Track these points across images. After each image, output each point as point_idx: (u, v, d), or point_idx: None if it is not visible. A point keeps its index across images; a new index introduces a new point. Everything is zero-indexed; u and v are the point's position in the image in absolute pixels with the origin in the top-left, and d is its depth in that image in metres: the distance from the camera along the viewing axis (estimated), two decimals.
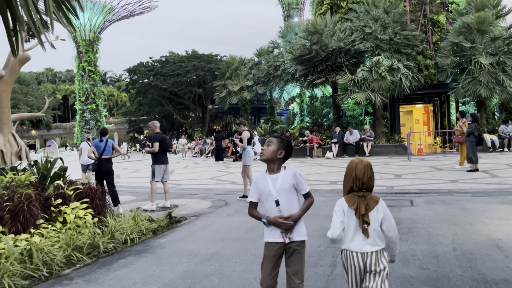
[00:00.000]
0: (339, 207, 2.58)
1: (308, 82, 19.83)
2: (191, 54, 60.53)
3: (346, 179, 2.61)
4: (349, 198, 2.55)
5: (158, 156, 8.60)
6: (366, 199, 2.52)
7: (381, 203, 2.54)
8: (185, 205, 8.64)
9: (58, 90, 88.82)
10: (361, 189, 2.54)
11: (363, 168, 2.56)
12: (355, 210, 2.50)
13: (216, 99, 26.87)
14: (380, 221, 2.51)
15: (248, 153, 9.11)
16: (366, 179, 2.54)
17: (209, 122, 59.76)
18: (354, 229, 2.50)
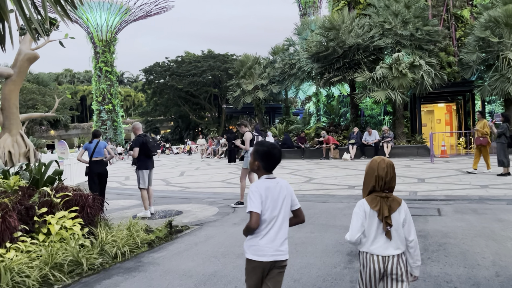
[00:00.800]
0: (360, 208, 2.47)
1: (325, 80, 19.05)
2: (206, 54, 60.22)
3: (368, 179, 2.51)
4: (371, 199, 2.45)
5: (141, 161, 8.05)
6: (389, 200, 2.43)
7: (403, 205, 2.47)
8: (190, 212, 8.01)
9: (76, 91, 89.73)
10: (384, 189, 2.45)
11: (386, 167, 2.45)
12: (378, 212, 2.41)
13: (230, 99, 26.26)
14: (401, 223, 2.43)
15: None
16: (389, 179, 2.44)
17: (225, 122, 59.31)
18: (376, 231, 2.42)
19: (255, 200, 2.54)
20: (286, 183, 2.69)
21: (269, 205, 2.56)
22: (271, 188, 2.60)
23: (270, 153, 2.66)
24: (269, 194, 2.58)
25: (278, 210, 2.58)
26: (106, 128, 61.75)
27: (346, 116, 23.34)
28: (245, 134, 8.60)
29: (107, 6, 61.60)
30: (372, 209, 2.41)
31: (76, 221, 5.33)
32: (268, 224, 2.55)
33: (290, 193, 2.66)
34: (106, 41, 62.47)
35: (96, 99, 62.41)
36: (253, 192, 2.56)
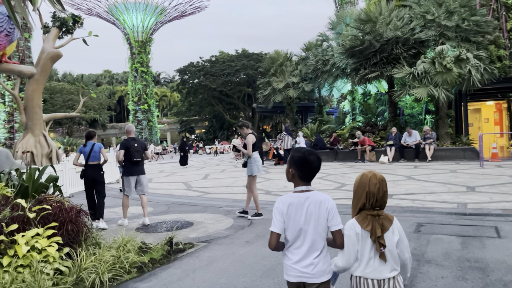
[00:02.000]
0: (351, 230, 2.24)
1: (360, 76, 17.69)
2: (240, 53, 59.68)
3: (357, 195, 2.29)
4: (362, 218, 2.24)
5: (125, 166, 7.51)
6: (381, 219, 2.23)
7: (395, 223, 2.29)
8: (201, 224, 7.08)
9: (114, 91, 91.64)
10: (374, 206, 2.25)
11: (377, 182, 2.25)
12: (370, 232, 2.20)
13: (260, 97, 25.24)
14: (395, 243, 2.24)
15: (255, 161, 7.51)
16: (381, 195, 2.25)
17: (258, 122, 58.48)
18: (369, 253, 2.21)
19: (275, 218, 2.37)
20: (322, 198, 2.35)
21: (293, 224, 2.33)
22: (296, 204, 2.34)
23: (306, 160, 2.36)
24: (293, 212, 2.33)
25: (305, 229, 2.32)
26: (141, 128, 62.45)
27: (383, 116, 21.82)
28: (248, 137, 7.57)
29: (143, 7, 62.29)
30: (364, 229, 2.22)
31: (53, 240, 4.49)
32: (293, 244, 2.35)
33: (328, 210, 2.32)
34: (141, 42, 63.14)
35: (132, 99, 63.18)
36: (275, 209, 2.38)
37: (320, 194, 2.37)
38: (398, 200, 8.10)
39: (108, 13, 62.82)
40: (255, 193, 7.51)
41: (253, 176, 7.52)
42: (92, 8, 62.22)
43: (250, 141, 7.51)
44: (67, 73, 76.38)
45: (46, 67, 16.13)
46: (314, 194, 2.35)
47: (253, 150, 7.54)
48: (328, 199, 2.35)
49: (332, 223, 2.31)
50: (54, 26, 16.28)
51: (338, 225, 2.32)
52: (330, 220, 2.31)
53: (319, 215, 2.30)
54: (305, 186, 2.38)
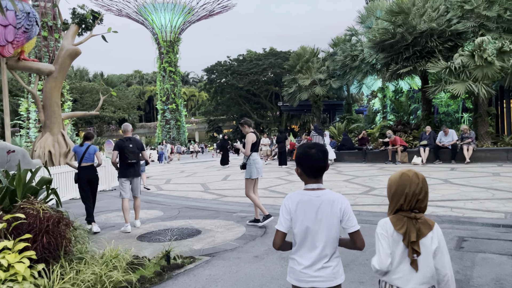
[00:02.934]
0: (383, 229, 2.02)
1: (391, 72, 16.57)
2: (268, 52, 58.96)
3: (395, 195, 2.04)
4: (397, 219, 2.01)
5: (120, 167, 7.06)
6: (418, 223, 1.98)
7: (436, 229, 2.01)
8: (210, 232, 6.36)
9: (144, 91, 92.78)
10: (413, 209, 2.01)
11: (420, 182, 2.00)
12: (403, 235, 1.97)
13: (285, 96, 24.34)
14: (433, 252, 1.97)
15: (255, 163, 6.79)
16: (422, 197, 2.00)
17: (286, 121, 57.60)
18: (400, 258, 1.99)
19: (281, 216, 2.21)
20: (336, 197, 2.17)
21: (302, 224, 2.15)
22: (306, 202, 2.16)
23: (306, 155, 2.20)
24: (302, 211, 2.16)
25: (315, 230, 2.14)
26: (169, 127, 62.70)
27: (416, 114, 20.58)
28: (247, 136, 6.86)
29: (171, 7, 62.51)
30: (397, 231, 1.98)
31: (25, 255, 3.85)
32: (303, 246, 2.17)
33: (343, 210, 2.15)
34: (170, 42, 63.34)
35: (161, 99, 63.49)
36: (282, 206, 2.22)
37: (333, 193, 2.20)
38: (434, 208, 7.13)
39: (137, 13, 63.42)
40: (253, 197, 6.73)
41: (252, 179, 6.79)
42: (121, 8, 62.95)
43: (249, 140, 6.80)
44: (97, 74, 77.68)
45: (64, 64, 15.82)
46: (327, 193, 2.19)
47: (253, 150, 6.84)
48: (342, 199, 2.18)
49: (349, 224, 2.16)
50: (73, 23, 15.95)
51: (355, 226, 2.17)
52: (346, 222, 2.16)
53: (332, 215, 2.14)
54: (316, 184, 2.21)
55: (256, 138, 6.89)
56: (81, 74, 70.72)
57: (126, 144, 6.97)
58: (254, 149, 6.88)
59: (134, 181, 7.12)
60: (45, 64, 15.05)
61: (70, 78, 64.65)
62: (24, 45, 13.94)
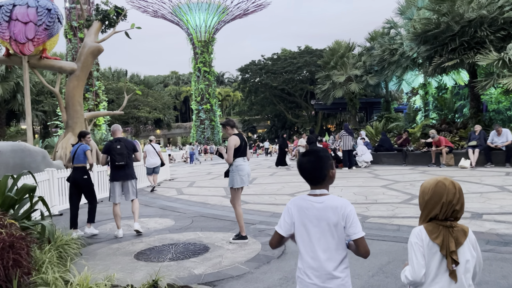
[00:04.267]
0: (418, 238, 1.91)
1: (435, 65, 15.06)
2: (303, 50, 57.69)
3: (430, 205, 1.93)
4: (432, 228, 1.91)
5: (111, 170, 6.73)
6: (455, 231, 1.89)
7: (470, 236, 1.92)
8: (219, 249, 5.41)
9: (180, 92, 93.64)
10: (449, 218, 1.92)
11: (457, 192, 1.91)
12: (441, 245, 1.87)
13: (318, 93, 23.07)
14: (471, 261, 1.89)
15: (238, 170, 5.86)
16: (459, 207, 1.91)
17: (322, 121, 56.09)
18: (437, 269, 1.89)
19: (282, 218, 2.18)
20: (339, 203, 2.07)
21: (305, 230, 2.09)
22: (308, 209, 2.10)
23: (299, 163, 2.19)
24: (304, 216, 2.10)
25: (318, 238, 2.05)
26: (204, 127, 62.63)
27: (462, 112, 18.87)
28: (229, 139, 5.89)
29: (205, 7, 62.44)
30: (433, 240, 1.88)
31: None
32: (308, 253, 2.07)
33: (345, 216, 2.04)
34: (204, 42, 63.26)
35: (195, 99, 63.52)
36: (285, 209, 2.20)
37: (336, 199, 2.09)
38: (492, 223, 5.86)
39: (172, 14, 63.78)
40: (237, 210, 5.89)
41: (235, 189, 5.94)
42: (157, 10, 63.50)
43: (231, 144, 5.80)
44: (134, 75, 78.90)
45: (87, 62, 15.28)
46: (330, 198, 2.10)
47: (238, 155, 5.87)
48: (345, 204, 2.07)
49: (351, 231, 2.03)
50: (96, 19, 15.43)
51: (359, 233, 2.03)
52: (348, 228, 2.04)
53: (335, 222, 2.04)
54: (319, 190, 2.13)
55: (241, 141, 5.88)
56: (118, 75, 71.94)
57: (114, 146, 6.58)
58: (239, 154, 5.89)
59: (125, 185, 6.73)
60: (67, 62, 14.65)
61: (107, 79, 65.94)
62: (45, 42, 13.56)
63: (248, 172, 6.00)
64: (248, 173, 5.99)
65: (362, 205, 7.80)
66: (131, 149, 6.74)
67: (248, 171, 6.00)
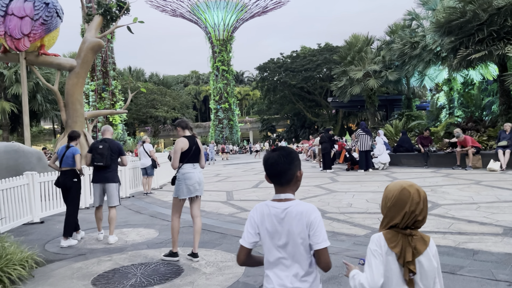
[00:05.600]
0: (376, 245, 1.83)
1: (460, 58, 13.78)
2: (323, 47, 56.31)
3: (391, 211, 1.84)
4: (391, 236, 1.83)
5: (93, 171, 6.36)
6: (414, 240, 1.81)
7: (432, 246, 1.85)
8: (194, 273, 4.53)
9: (200, 91, 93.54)
10: (410, 226, 1.83)
11: (421, 201, 1.82)
12: (399, 255, 1.80)
13: (334, 90, 21.89)
14: (430, 271, 1.82)
15: (184, 179, 5.12)
16: (422, 217, 1.83)
17: (342, 119, 54.64)
18: (394, 278, 1.81)
19: (245, 229, 2.01)
20: (304, 209, 1.90)
21: (270, 239, 1.94)
22: (272, 215, 1.94)
23: (266, 158, 2.00)
24: (269, 224, 1.94)
25: (284, 247, 1.91)
26: (222, 126, 62.17)
27: (491, 109, 17.44)
28: (177, 142, 5.13)
29: (223, 5, 61.90)
30: (391, 249, 1.80)
31: None
32: (274, 263, 1.93)
33: (309, 223, 1.88)
34: (223, 40, 62.76)
35: (214, 98, 63.12)
36: (248, 219, 2.02)
37: (302, 204, 1.93)
38: None
39: (191, 12, 63.48)
40: (173, 222, 5.22)
41: (178, 199, 5.21)
42: (175, 8, 63.30)
43: (177, 148, 5.05)
44: (153, 74, 79.02)
45: (87, 58, 14.56)
46: (294, 204, 1.93)
47: (186, 161, 5.09)
48: (310, 211, 1.90)
49: (314, 240, 1.86)
50: (97, 14, 14.77)
51: (322, 243, 1.86)
52: (312, 237, 1.87)
53: (300, 230, 1.88)
54: (284, 194, 1.96)
55: (190, 145, 5.10)
56: (137, 75, 72.11)
57: (97, 145, 6.25)
58: (188, 160, 5.12)
59: (106, 188, 6.30)
60: (66, 59, 14.02)
61: (126, 78, 66.10)
62: (43, 38, 12.96)
63: (199, 181, 5.24)
64: (198, 181, 5.24)
65: (373, 216, 6.76)
66: (115, 151, 6.34)
67: (199, 180, 5.24)
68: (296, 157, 1.99)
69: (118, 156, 6.36)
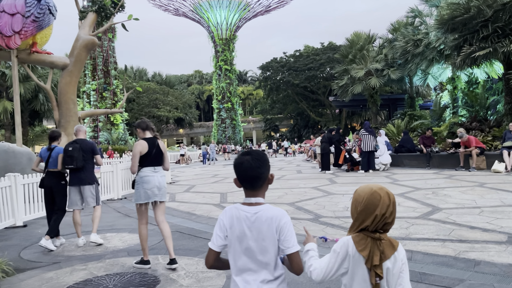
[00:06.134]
0: (343, 248, 1.82)
1: (464, 56, 13.36)
2: (326, 46, 55.84)
3: (363, 215, 1.82)
4: (360, 239, 1.81)
5: (69, 173, 6.14)
6: (382, 244, 1.80)
7: (400, 250, 1.83)
8: (171, 284, 4.19)
9: (203, 91, 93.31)
10: (379, 230, 1.82)
11: (391, 204, 1.81)
12: (366, 258, 1.78)
13: (335, 89, 21.48)
14: (397, 275, 1.81)
15: (143, 183, 4.83)
16: (391, 220, 1.82)
17: (346, 119, 54.15)
18: (361, 282, 1.80)
19: (214, 233, 1.98)
20: (274, 214, 1.89)
21: (238, 243, 1.90)
22: (241, 219, 1.91)
23: (238, 162, 1.96)
24: (237, 228, 1.91)
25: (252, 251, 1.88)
26: (225, 126, 61.90)
27: (496, 108, 16.99)
28: (134, 145, 4.83)
29: (226, 4, 61.60)
30: (359, 252, 1.79)
31: None
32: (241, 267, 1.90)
33: (279, 229, 1.88)
34: (225, 39, 62.47)
35: (216, 98, 62.86)
36: (217, 222, 1.98)
37: (272, 209, 1.92)
38: None
39: (193, 11, 63.19)
40: (140, 230, 4.99)
41: (139, 205, 4.95)
42: (178, 7, 63.05)
43: (135, 151, 4.77)
44: (156, 73, 78.83)
45: (80, 56, 14.24)
46: (265, 208, 1.91)
47: (146, 164, 4.82)
48: (280, 216, 1.89)
49: (285, 245, 1.87)
50: (91, 11, 14.45)
51: (293, 247, 1.86)
52: (282, 242, 1.87)
53: (269, 235, 1.87)
54: (254, 198, 1.95)
55: (150, 148, 4.81)
56: (140, 74, 71.93)
57: (67, 148, 5.93)
58: (147, 163, 4.83)
59: (84, 190, 6.10)
60: (59, 57, 13.72)
61: (129, 78, 65.90)
62: (35, 35, 12.68)
63: (158, 185, 4.92)
64: (157, 186, 4.89)
65: None
66: (88, 151, 6.06)
67: (158, 184, 4.92)
68: (267, 160, 1.98)
69: (92, 156, 6.09)
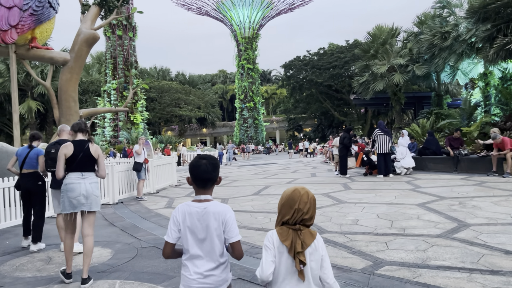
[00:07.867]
0: (269, 240, 2.07)
1: (497, 48, 11.99)
2: (351, 44, 54.17)
3: (284, 209, 2.09)
4: (282, 231, 2.06)
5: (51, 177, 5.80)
6: (302, 234, 2.05)
7: (318, 239, 2.08)
8: None
9: (227, 90, 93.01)
10: (298, 223, 2.07)
11: (308, 202, 2.08)
12: (289, 247, 2.02)
13: (356, 86, 20.20)
14: (318, 261, 2.04)
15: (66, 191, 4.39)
16: (309, 216, 2.07)
17: (371, 119, 52.39)
18: (286, 270, 2.03)
19: (169, 228, 2.27)
20: (220, 209, 2.23)
21: (190, 234, 2.21)
22: (193, 214, 2.22)
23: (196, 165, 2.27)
24: (189, 222, 2.21)
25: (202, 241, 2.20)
26: (247, 126, 61.08)
27: None
28: (60, 148, 4.42)
29: (249, 2, 60.83)
30: (282, 243, 2.02)
31: None
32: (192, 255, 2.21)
33: (225, 222, 2.20)
34: (248, 38, 61.71)
35: (239, 97, 62.21)
36: (171, 218, 2.27)
37: (218, 205, 2.25)
38: None
39: (216, 10, 62.76)
40: (65, 241, 4.54)
41: (65, 215, 4.47)
42: (201, 7, 62.74)
43: (59, 155, 4.33)
44: (179, 73, 78.87)
45: (81, 52, 13.48)
46: (212, 205, 2.24)
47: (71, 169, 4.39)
48: (225, 211, 2.23)
49: (229, 235, 2.21)
50: (94, 4, 13.80)
51: (235, 237, 2.22)
52: (227, 233, 2.20)
53: (216, 227, 2.19)
54: (204, 196, 2.27)
55: (74, 151, 4.32)
56: (163, 74, 72.03)
57: (49, 149, 5.57)
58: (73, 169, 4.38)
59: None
60: (59, 52, 13.12)
61: (152, 77, 65.98)
62: (34, 30, 12.10)
63: (85, 193, 4.38)
64: (84, 194, 4.38)
65: (381, 239, 5.31)
66: None
67: (85, 192, 4.38)
68: (218, 164, 2.32)
69: None
